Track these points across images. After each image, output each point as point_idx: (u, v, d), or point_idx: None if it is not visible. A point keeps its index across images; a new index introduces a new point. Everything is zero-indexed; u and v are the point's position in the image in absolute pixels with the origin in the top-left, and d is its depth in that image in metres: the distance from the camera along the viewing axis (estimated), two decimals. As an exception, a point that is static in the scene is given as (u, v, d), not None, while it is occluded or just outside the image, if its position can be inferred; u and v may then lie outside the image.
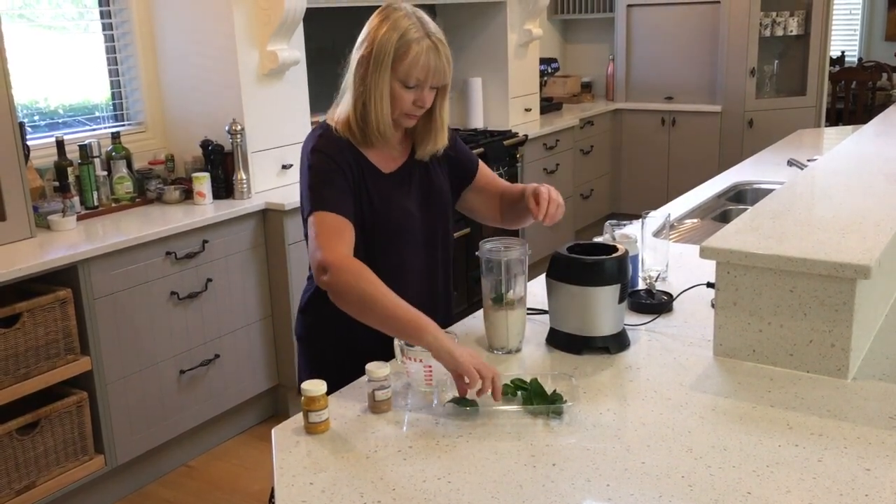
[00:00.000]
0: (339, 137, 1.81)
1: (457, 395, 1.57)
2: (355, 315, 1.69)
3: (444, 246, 1.99)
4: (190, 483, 3.18)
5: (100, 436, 2.89)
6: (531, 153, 5.04)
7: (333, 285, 1.68)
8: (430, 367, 1.61)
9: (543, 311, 1.94)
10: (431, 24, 1.77)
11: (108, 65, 3.62)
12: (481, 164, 2.06)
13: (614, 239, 2.09)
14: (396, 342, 1.66)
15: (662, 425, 1.48)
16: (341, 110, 1.83)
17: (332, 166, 1.78)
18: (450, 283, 2.04)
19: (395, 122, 1.82)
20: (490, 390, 1.53)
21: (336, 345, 1.92)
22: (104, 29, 3.58)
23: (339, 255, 1.70)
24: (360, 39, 1.80)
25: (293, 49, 3.57)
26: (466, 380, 1.53)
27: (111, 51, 3.61)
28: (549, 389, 1.56)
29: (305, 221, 1.80)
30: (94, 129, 3.55)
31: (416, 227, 1.89)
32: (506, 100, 5.17)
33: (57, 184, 3.12)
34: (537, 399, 1.54)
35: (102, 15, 3.56)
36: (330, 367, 1.89)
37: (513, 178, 4.75)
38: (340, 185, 1.78)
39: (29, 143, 3.09)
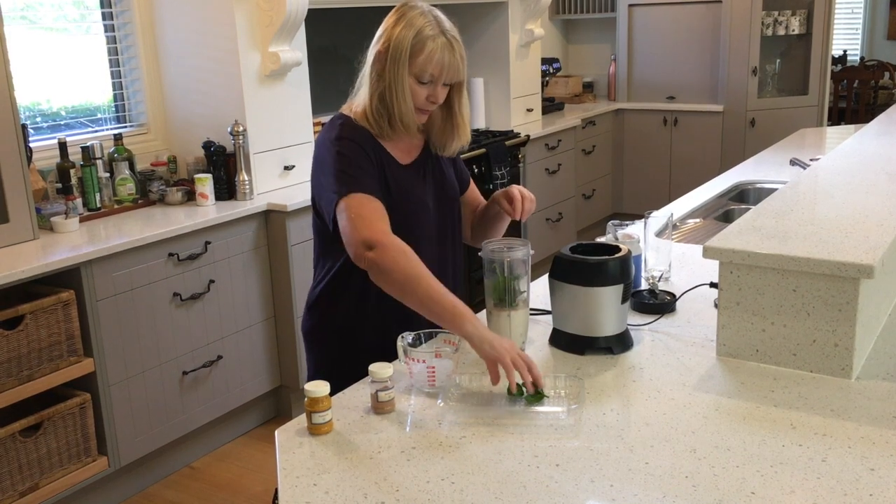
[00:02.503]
0: (361, 127, 1.85)
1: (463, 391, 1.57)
2: (395, 293, 1.71)
3: (454, 242, 2.02)
4: (193, 484, 3.18)
5: (103, 437, 2.89)
6: (533, 153, 5.04)
7: (379, 262, 1.69)
8: (433, 368, 1.61)
9: (546, 312, 1.93)
10: (447, 23, 1.82)
11: (110, 66, 3.62)
12: (471, 180, 2.13)
13: (617, 239, 2.09)
14: (399, 343, 1.66)
15: (666, 425, 1.48)
16: (358, 103, 1.88)
17: (360, 151, 1.81)
18: (459, 281, 2.06)
19: None
20: (531, 380, 1.55)
21: (341, 341, 1.94)
22: (106, 30, 3.58)
23: (385, 233, 1.72)
24: (376, 36, 1.85)
25: (295, 50, 3.57)
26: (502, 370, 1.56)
27: (113, 52, 3.61)
28: (556, 391, 1.57)
29: (332, 207, 1.79)
30: (96, 131, 3.56)
31: (430, 220, 1.92)
32: (507, 100, 5.17)
33: (59, 185, 3.12)
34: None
35: (104, 16, 3.57)
36: (335, 364, 1.91)
37: (514, 178, 4.75)
38: (370, 170, 1.81)
39: (31, 144, 3.10)
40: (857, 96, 7.52)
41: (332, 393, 1.54)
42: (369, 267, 1.71)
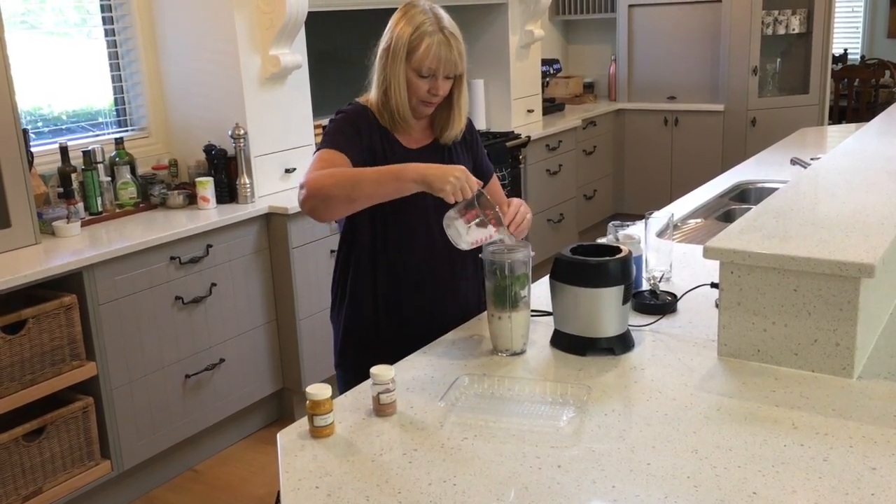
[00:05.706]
0: (368, 110, 1.98)
1: None
2: (347, 201, 1.83)
3: None
4: (196, 487, 3.19)
5: (106, 441, 2.90)
6: (534, 154, 5.04)
7: (313, 195, 1.82)
8: (490, 235, 1.75)
9: (547, 313, 1.94)
10: (446, 19, 1.93)
11: (111, 70, 3.62)
12: (494, 176, 2.17)
13: (618, 240, 2.09)
14: (449, 217, 1.78)
15: (667, 426, 1.48)
16: (370, 96, 2.01)
17: (349, 122, 1.95)
18: (480, 281, 2.02)
19: (414, 109, 1.96)
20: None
21: (365, 329, 2.05)
22: (107, 35, 3.59)
23: (312, 174, 1.86)
24: (384, 34, 1.97)
25: (295, 53, 3.57)
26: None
27: (114, 56, 3.62)
28: (562, 397, 1.57)
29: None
30: (97, 135, 3.56)
31: (430, 204, 1.94)
32: (508, 101, 5.17)
33: (61, 190, 3.12)
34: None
35: (105, 21, 3.57)
36: (358, 364, 1.95)
37: (515, 179, 4.76)
38: (352, 136, 1.93)
39: (33, 149, 3.10)
40: (857, 95, 7.52)
41: (350, 382, 1.56)
42: (304, 204, 1.85)
